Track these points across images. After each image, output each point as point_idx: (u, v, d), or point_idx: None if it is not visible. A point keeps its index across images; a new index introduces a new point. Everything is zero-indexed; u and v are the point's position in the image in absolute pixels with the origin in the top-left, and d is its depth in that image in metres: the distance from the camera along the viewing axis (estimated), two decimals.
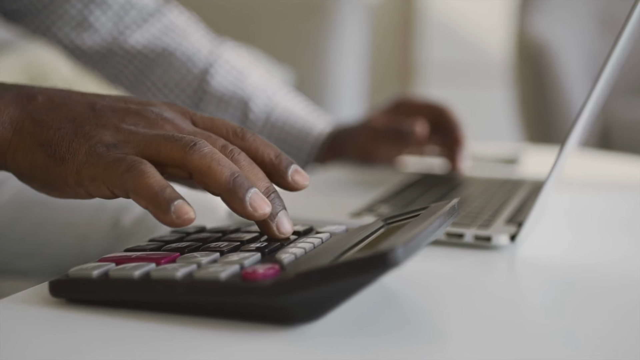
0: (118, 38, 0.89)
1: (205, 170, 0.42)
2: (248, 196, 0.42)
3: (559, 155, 0.52)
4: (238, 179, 0.42)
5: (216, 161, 0.42)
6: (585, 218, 0.69)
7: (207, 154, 0.42)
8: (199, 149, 0.42)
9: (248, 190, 0.42)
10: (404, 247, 0.35)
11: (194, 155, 0.42)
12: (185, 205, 0.40)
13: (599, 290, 0.46)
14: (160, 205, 0.40)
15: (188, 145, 0.43)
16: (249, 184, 0.42)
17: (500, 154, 0.99)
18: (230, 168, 0.42)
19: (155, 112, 0.46)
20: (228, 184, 0.42)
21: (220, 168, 0.42)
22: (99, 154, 0.42)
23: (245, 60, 0.94)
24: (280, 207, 0.44)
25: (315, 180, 0.79)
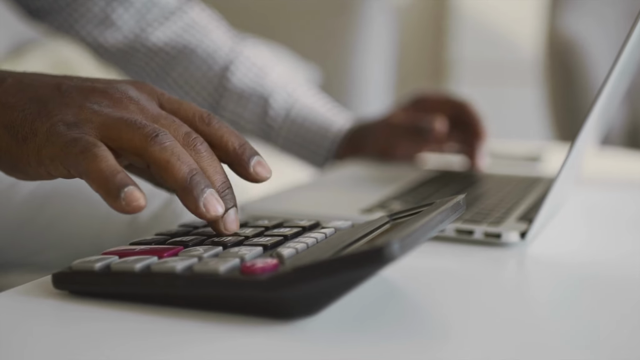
0: (140, 35, 0.90)
1: (164, 164, 0.41)
2: (202, 197, 0.41)
3: (569, 153, 0.52)
4: (195, 177, 0.41)
5: (176, 156, 0.41)
6: (600, 216, 0.68)
7: (167, 147, 0.42)
8: (160, 141, 0.42)
9: (203, 191, 0.41)
10: (399, 243, 0.35)
11: (154, 147, 0.41)
12: (135, 191, 0.40)
13: (608, 288, 0.46)
14: (110, 191, 0.39)
15: (150, 135, 0.42)
16: (205, 182, 0.42)
17: (523, 151, 0.98)
18: (189, 165, 0.42)
19: (120, 90, 0.45)
20: (184, 182, 0.41)
21: (179, 164, 0.41)
22: (59, 133, 0.42)
23: (266, 57, 0.94)
24: (231, 204, 0.44)
25: (332, 176, 0.79)
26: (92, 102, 0.44)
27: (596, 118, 0.56)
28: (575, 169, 0.65)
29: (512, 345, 0.36)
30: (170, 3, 0.91)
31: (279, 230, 0.46)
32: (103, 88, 0.45)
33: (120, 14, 0.89)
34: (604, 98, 0.53)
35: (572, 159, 0.53)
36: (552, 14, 2.12)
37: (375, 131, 0.89)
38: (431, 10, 2.76)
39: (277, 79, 0.92)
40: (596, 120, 0.58)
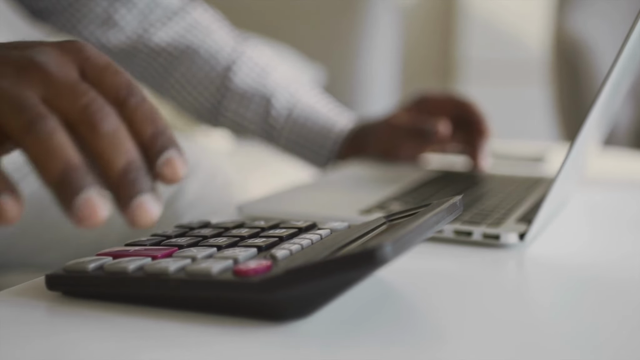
0: (143, 36, 0.90)
1: (36, 160, 0.34)
2: (76, 200, 0.33)
3: (569, 153, 0.51)
4: (68, 176, 0.34)
5: (49, 150, 0.34)
6: (602, 217, 0.68)
7: (41, 140, 0.34)
8: (36, 131, 0.34)
9: (78, 194, 0.33)
10: (392, 245, 0.34)
11: (27, 139, 0.35)
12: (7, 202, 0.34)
13: (608, 290, 0.45)
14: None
15: (27, 124, 0.35)
16: (83, 182, 0.34)
17: (526, 152, 0.98)
18: (65, 159, 0.34)
19: (27, 56, 0.38)
20: (54, 181, 0.34)
21: (52, 160, 0.34)
22: None
23: (268, 57, 0.94)
24: (139, 189, 0.35)
25: (333, 177, 0.79)
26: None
27: (598, 117, 0.56)
28: (577, 169, 0.65)
29: (510, 347, 0.36)
30: (173, 3, 0.91)
31: (275, 232, 0.45)
32: (13, 55, 0.38)
33: (123, 15, 0.89)
34: (605, 97, 0.52)
35: (572, 159, 0.52)
36: (559, 13, 2.11)
37: (377, 132, 0.88)
38: (439, 10, 2.76)
39: (279, 79, 0.91)
40: (598, 119, 0.58)
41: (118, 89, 0.38)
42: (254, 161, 1.44)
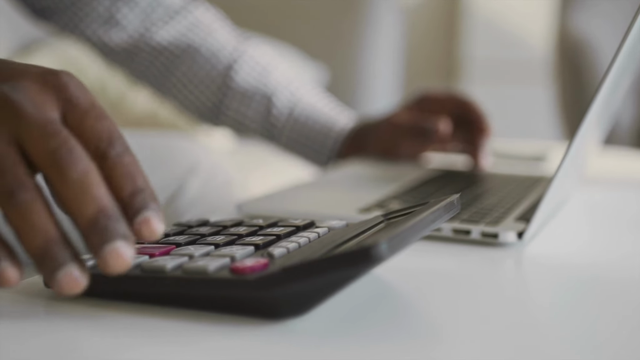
0: (144, 35, 0.90)
1: (17, 232, 0.35)
2: (57, 275, 0.34)
3: (567, 152, 0.51)
4: (49, 251, 0.34)
5: (29, 224, 0.34)
6: (602, 216, 0.68)
7: (21, 211, 0.34)
8: (16, 202, 0.34)
9: (58, 269, 0.34)
10: (387, 243, 0.35)
11: (7, 207, 0.34)
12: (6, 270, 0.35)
13: (607, 289, 0.45)
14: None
15: (7, 191, 0.34)
16: (62, 257, 0.34)
17: (528, 151, 0.98)
18: (44, 234, 0.34)
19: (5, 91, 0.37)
20: (36, 257, 0.34)
21: (32, 233, 0.34)
22: None
23: (270, 56, 0.94)
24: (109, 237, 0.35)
25: (333, 175, 0.79)
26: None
27: (597, 116, 0.56)
28: (577, 168, 0.65)
29: (507, 347, 0.36)
30: (175, 3, 0.92)
31: (272, 230, 0.45)
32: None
33: (125, 14, 0.89)
34: (604, 95, 0.52)
35: (571, 157, 0.52)
36: (562, 13, 2.11)
37: (378, 130, 0.88)
38: (443, 9, 2.76)
39: (280, 78, 0.92)
40: (597, 118, 0.58)
41: (99, 140, 0.37)
42: (255, 160, 1.45)
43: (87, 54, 1.29)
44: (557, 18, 2.14)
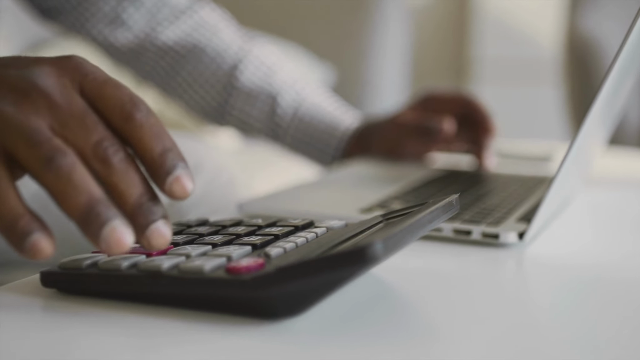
0: (150, 35, 0.90)
1: (58, 195, 0.36)
2: (103, 233, 0.35)
3: (569, 152, 0.51)
4: (94, 209, 0.35)
5: (72, 185, 0.35)
6: (605, 216, 0.68)
7: (62, 175, 0.35)
8: (55, 167, 0.35)
9: (103, 226, 0.35)
10: (383, 243, 0.34)
11: (48, 175, 0.36)
12: (41, 240, 0.35)
13: (608, 290, 0.45)
14: (12, 240, 0.36)
15: (44, 159, 0.36)
16: (107, 214, 0.36)
17: (533, 151, 0.97)
18: (88, 194, 0.36)
19: (29, 80, 0.38)
20: (81, 215, 0.35)
21: (76, 195, 0.35)
22: None
23: (275, 56, 0.94)
24: (154, 217, 0.37)
25: (337, 175, 0.79)
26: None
27: (599, 116, 0.56)
28: (580, 168, 0.64)
29: (507, 347, 0.36)
30: (180, 2, 0.92)
31: (271, 230, 0.45)
32: (14, 78, 0.38)
33: (130, 14, 0.89)
34: (606, 96, 0.52)
35: (572, 158, 0.52)
36: (571, 12, 2.10)
37: (382, 130, 0.88)
38: (452, 9, 2.75)
39: (285, 77, 0.92)
40: (600, 118, 0.57)
41: (122, 104, 0.38)
42: (260, 160, 1.45)
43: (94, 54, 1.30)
44: (566, 18, 2.13)
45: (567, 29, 2.11)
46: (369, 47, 2.01)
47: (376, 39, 2.01)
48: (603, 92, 0.50)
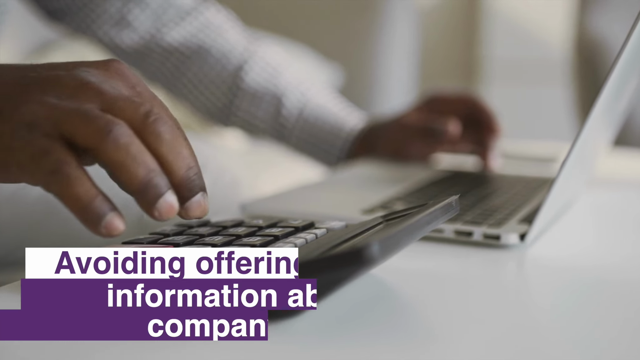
0: (155, 36, 0.91)
1: (118, 166, 0.38)
2: (158, 203, 0.39)
3: (570, 153, 0.51)
4: (153, 180, 0.38)
5: (131, 157, 0.38)
6: (607, 218, 0.67)
7: (122, 146, 0.38)
8: (114, 138, 0.38)
9: (159, 197, 0.39)
10: (379, 244, 0.35)
11: (108, 146, 0.38)
12: (115, 219, 0.38)
13: (609, 292, 0.45)
14: (88, 219, 0.38)
15: (103, 130, 0.38)
16: (162, 185, 0.39)
17: (539, 152, 0.97)
18: (146, 165, 0.39)
19: (79, 77, 0.41)
20: (140, 186, 0.38)
21: (135, 166, 0.38)
22: (22, 139, 0.39)
23: (280, 57, 0.94)
24: (197, 189, 0.41)
25: (341, 176, 0.79)
26: (51, 94, 0.41)
27: (602, 117, 0.56)
28: (583, 169, 0.64)
29: (507, 348, 0.36)
30: (186, 4, 0.92)
31: (271, 230, 0.46)
32: (63, 77, 0.41)
33: (136, 15, 0.90)
34: (608, 97, 0.52)
35: (574, 159, 0.52)
36: (580, 15, 2.10)
37: (387, 131, 0.88)
38: (461, 10, 2.74)
39: (290, 78, 0.92)
40: (602, 119, 0.57)
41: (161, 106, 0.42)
42: (266, 161, 1.45)
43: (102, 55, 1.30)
44: (575, 19, 2.13)
45: (576, 30, 2.10)
46: (376, 47, 2.01)
47: (384, 40, 2.01)
48: (604, 93, 0.50)
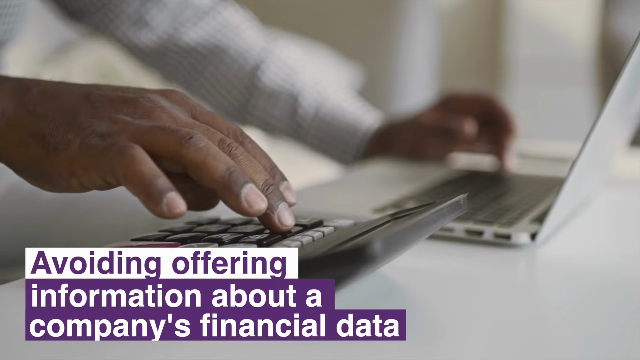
0: (173, 36, 0.91)
1: (200, 164, 0.41)
2: (243, 192, 0.41)
3: (580, 153, 0.51)
4: (234, 174, 0.41)
5: (212, 155, 0.41)
6: (622, 218, 0.67)
7: (202, 147, 0.41)
8: (194, 142, 0.41)
9: (243, 186, 0.41)
10: (382, 242, 0.34)
11: (189, 149, 0.41)
12: (177, 198, 0.39)
13: (620, 291, 0.45)
14: (151, 196, 0.39)
15: (184, 138, 0.41)
16: (244, 179, 0.41)
17: (555, 151, 0.96)
18: (226, 162, 0.41)
19: (152, 100, 0.45)
20: (223, 179, 0.41)
21: (216, 162, 0.41)
22: (93, 145, 0.41)
23: (297, 57, 0.94)
24: (279, 200, 0.44)
25: (356, 174, 0.79)
26: (124, 113, 0.43)
27: (615, 116, 0.55)
28: (598, 169, 0.64)
29: (516, 348, 0.36)
30: (203, 3, 0.93)
31: None
32: (134, 98, 0.45)
33: (154, 15, 0.90)
34: (620, 96, 0.51)
35: (585, 159, 0.52)
36: (604, 15, 2.08)
37: (403, 131, 0.88)
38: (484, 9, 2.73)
39: (307, 78, 0.92)
40: (616, 118, 0.57)
41: (235, 130, 0.46)
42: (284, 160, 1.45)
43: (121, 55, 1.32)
44: (599, 19, 2.11)
45: (600, 30, 2.08)
46: (397, 47, 2.00)
47: (404, 39, 2.01)
48: (616, 92, 0.49)
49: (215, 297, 0.36)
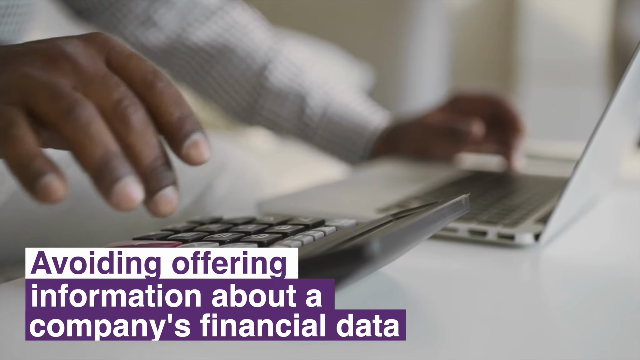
0: (181, 35, 0.92)
1: (75, 145, 0.36)
2: (116, 186, 0.35)
3: (584, 154, 0.50)
4: (110, 162, 0.36)
5: (90, 137, 0.36)
6: (628, 219, 0.66)
7: (81, 126, 0.36)
8: (75, 117, 0.36)
9: (118, 180, 0.36)
10: (380, 242, 0.34)
11: (67, 125, 0.36)
12: (54, 182, 0.35)
13: (623, 292, 0.44)
14: (25, 180, 0.35)
15: (65, 109, 0.36)
16: (122, 170, 0.36)
17: (563, 152, 0.96)
18: (105, 146, 0.36)
19: (59, 48, 0.39)
20: (97, 167, 0.36)
21: (93, 146, 0.36)
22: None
23: (304, 56, 0.94)
24: (165, 182, 0.38)
25: (362, 174, 0.79)
26: (27, 64, 0.39)
27: (620, 116, 0.55)
28: (604, 169, 0.63)
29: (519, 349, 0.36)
30: (211, 3, 0.93)
31: (281, 228, 0.46)
32: (44, 47, 0.40)
33: (162, 15, 0.90)
34: (625, 95, 0.51)
35: (589, 159, 0.51)
36: (616, 16, 2.07)
37: (410, 131, 0.88)
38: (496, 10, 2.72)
39: (314, 78, 0.92)
40: (622, 119, 0.56)
41: (144, 73, 0.40)
42: (293, 161, 1.45)
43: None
44: (612, 20, 2.10)
45: (612, 31, 2.07)
46: (407, 47, 2.00)
47: (415, 40, 2.00)
48: (621, 92, 0.49)
49: (215, 297, 0.36)
